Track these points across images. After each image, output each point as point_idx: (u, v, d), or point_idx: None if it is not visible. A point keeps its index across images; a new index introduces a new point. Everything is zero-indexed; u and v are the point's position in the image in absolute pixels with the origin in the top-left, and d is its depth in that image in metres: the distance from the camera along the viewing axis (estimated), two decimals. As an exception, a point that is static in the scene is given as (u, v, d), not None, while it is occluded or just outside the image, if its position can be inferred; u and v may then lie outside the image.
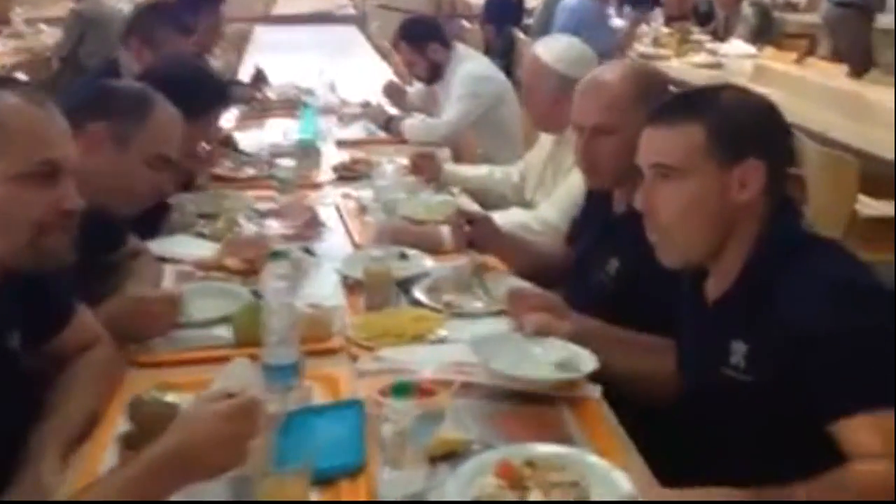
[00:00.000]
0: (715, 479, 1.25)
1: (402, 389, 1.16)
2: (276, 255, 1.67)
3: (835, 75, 4.97)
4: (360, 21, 8.55)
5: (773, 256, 1.40)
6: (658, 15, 6.18)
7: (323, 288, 2.10)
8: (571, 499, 1.25)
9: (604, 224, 2.00)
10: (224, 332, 1.85)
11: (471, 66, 3.62)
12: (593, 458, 1.36)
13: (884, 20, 5.95)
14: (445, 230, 2.30)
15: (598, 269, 1.93)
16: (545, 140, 2.70)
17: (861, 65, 5.13)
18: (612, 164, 1.89)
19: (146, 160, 1.87)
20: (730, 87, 1.56)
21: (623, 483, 1.28)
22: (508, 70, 5.14)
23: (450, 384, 1.57)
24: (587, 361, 1.58)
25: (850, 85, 4.66)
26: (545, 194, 2.56)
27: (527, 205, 2.65)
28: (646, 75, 1.96)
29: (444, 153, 3.29)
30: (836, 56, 5.45)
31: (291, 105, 4.09)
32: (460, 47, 3.80)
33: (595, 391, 1.57)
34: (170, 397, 1.45)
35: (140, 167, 1.86)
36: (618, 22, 6.12)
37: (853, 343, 1.28)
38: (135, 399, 1.47)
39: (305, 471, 1.27)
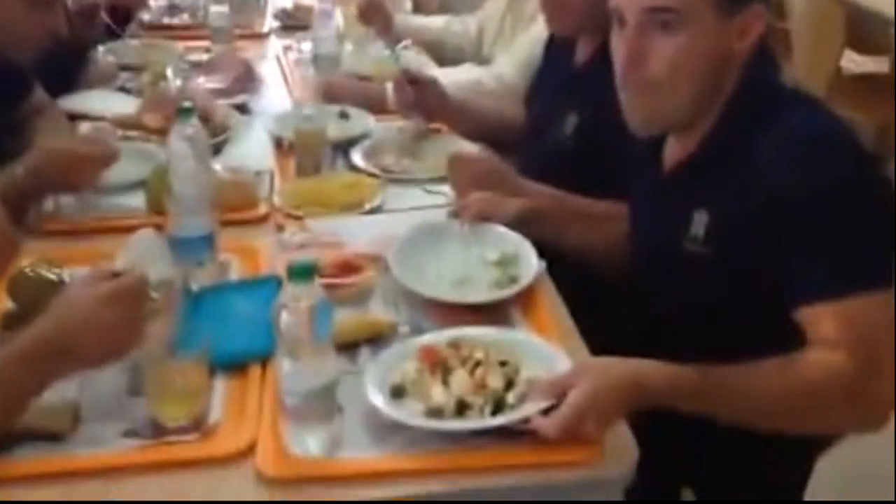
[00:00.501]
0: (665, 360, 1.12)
1: (301, 272, 1.01)
2: (184, 111, 1.48)
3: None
4: None
5: (744, 114, 1.23)
6: None
7: (251, 149, 1.92)
8: (499, 377, 1.13)
9: (563, 77, 1.80)
10: (137, 200, 1.68)
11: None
12: (525, 336, 1.25)
13: None
14: (391, 88, 2.10)
15: (556, 128, 1.74)
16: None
17: None
18: (582, 4, 1.67)
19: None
20: None
21: (559, 361, 1.16)
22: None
23: (378, 259, 1.44)
24: (528, 265, 1.41)
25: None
26: (503, 48, 2.33)
27: (483, 60, 2.43)
28: None
29: (401, 2, 3.02)
30: None
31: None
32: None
33: (539, 267, 1.42)
34: (55, 272, 1.29)
35: (18, 4, 1.66)
36: None
37: (826, 206, 1.13)
38: (16, 273, 1.31)
39: (203, 356, 1.13)
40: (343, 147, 1.91)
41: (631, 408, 1.08)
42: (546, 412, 1.05)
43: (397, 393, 1.14)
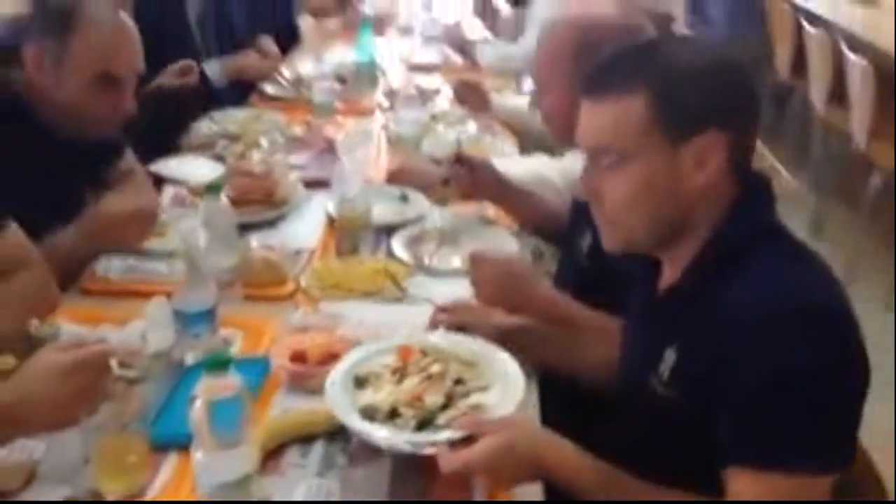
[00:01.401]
0: None
1: (213, 364, 1.04)
2: (212, 188, 1.57)
3: None
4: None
5: (723, 254, 1.15)
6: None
7: (304, 226, 1.99)
8: (440, 396, 1.23)
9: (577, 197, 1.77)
10: (182, 267, 1.78)
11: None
12: (503, 363, 1.33)
13: None
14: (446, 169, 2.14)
15: (575, 245, 1.72)
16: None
17: None
18: (556, 123, 1.71)
19: (88, 79, 1.75)
20: (674, 40, 1.28)
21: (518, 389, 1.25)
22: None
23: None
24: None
25: None
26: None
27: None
28: (586, 29, 1.69)
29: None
30: None
31: (380, 22, 3.94)
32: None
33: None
34: (45, 331, 1.40)
35: (83, 87, 1.76)
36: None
37: (773, 384, 1.04)
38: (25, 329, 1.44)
39: (146, 432, 1.19)
40: (392, 230, 1.95)
41: (529, 480, 1.16)
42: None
43: (359, 384, 1.26)
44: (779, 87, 4.69)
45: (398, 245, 1.88)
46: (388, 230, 1.95)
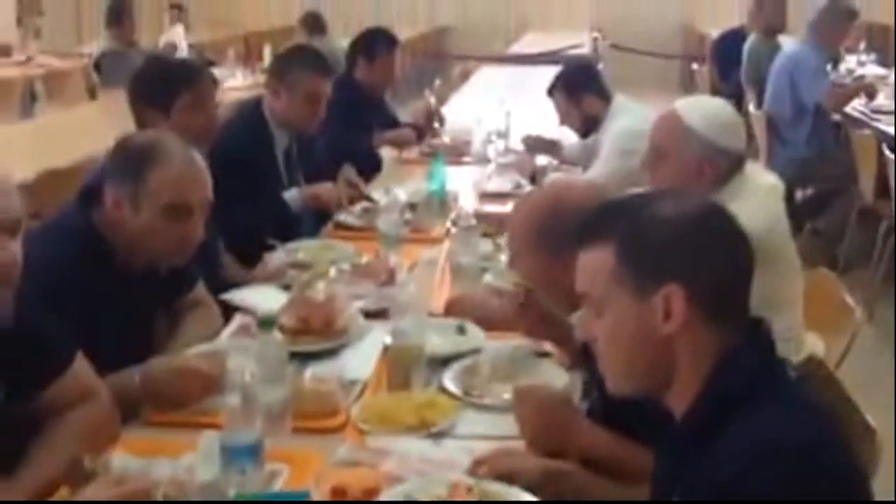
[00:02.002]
0: None
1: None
2: (265, 323, 1.64)
3: None
4: (592, 61, 8.40)
5: (714, 406, 1.16)
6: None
7: (360, 357, 2.03)
8: None
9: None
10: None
11: (625, 120, 3.40)
12: None
13: None
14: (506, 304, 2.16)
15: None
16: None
17: None
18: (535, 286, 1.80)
19: (161, 214, 1.87)
20: (655, 197, 1.30)
21: None
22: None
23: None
24: None
25: None
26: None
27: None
28: (551, 210, 1.77)
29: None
30: None
31: (457, 152, 4.07)
32: (620, 99, 3.58)
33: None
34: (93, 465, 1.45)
35: (157, 222, 1.87)
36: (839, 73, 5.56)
37: None
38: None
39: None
40: (448, 362, 1.97)
41: None
42: None
43: None
44: (865, 211, 4.60)
45: (449, 378, 1.90)
46: (444, 362, 1.98)
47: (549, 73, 3.80)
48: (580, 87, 3.53)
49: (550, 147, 3.82)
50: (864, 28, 6.25)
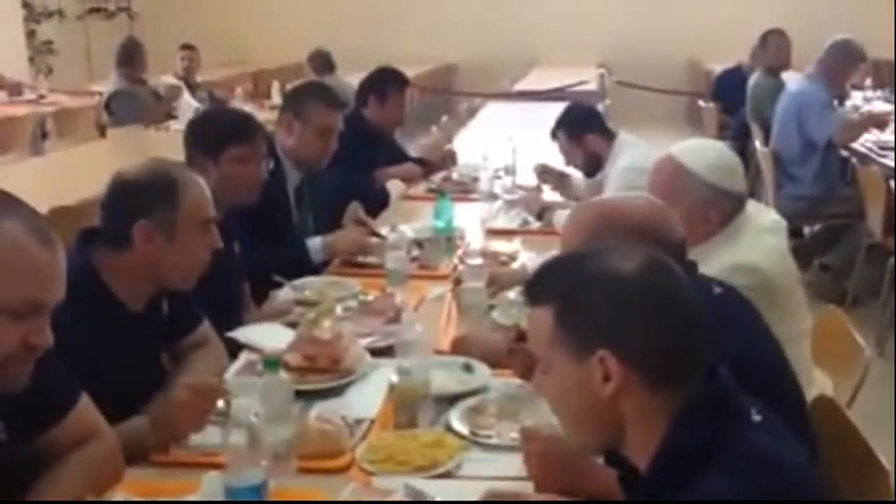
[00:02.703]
0: None
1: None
2: (269, 364, 1.64)
3: None
4: (597, 98, 8.44)
5: (670, 466, 1.17)
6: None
7: (366, 395, 2.02)
8: None
9: None
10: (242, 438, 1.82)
11: (629, 157, 3.42)
12: None
13: None
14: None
15: None
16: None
17: None
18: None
19: (194, 232, 1.96)
20: (597, 255, 1.26)
21: None
22: (742, 153, 4.80)
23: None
24: None
25: None
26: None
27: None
28: (608, 216, 1.74)
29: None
30: None
31: (464, 189, 4.08)
32: (623, 137, 3.60)
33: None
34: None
35: (192, 240, 1.96)
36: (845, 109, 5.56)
37: None
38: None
39: None
40: (454, 401, 1.96)
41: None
42: None
43: None
44: (873, 247, 4.58)
45: (456, 417, 1.89)
46: (450, 400, 1.96)
47: (556, 109, 3.83)
48: (582, 127, 3.56)
49: (560, 179, 3.81)
50: (870, 64, 6.26)
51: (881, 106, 6.27)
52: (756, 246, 2.16)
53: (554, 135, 3.66)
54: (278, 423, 1.66)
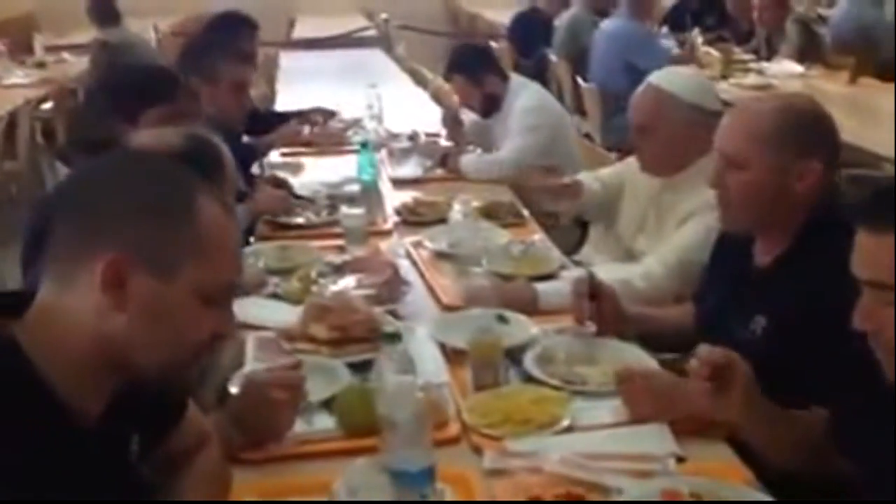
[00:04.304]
0: None
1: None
2: (390, 336, 1.51)
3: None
4: (383, 43, 8.37)
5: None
6: (697, 35, 6.01)
7: (424, 362, 1.89)
8: None
9: (742, 276, 1.83)
10: (325, 421, 1.67)
11: (526, 97, 3.45)
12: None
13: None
14: (542, 288, 2.15)
15: (740, 327, 1.76)
16: (642, 182, 2.49)
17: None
18: (742, 202, 1.76)
19: None
20: None
21: None
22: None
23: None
24: None
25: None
26: (650, 246, 2.36)
27: (626, 250, 2.47)
28: (803, 112, 1.77)
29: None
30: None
31: (337, 141, 3.91)
32: (516, 78, 3.62)
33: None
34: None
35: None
36: (666, 42, 5.94)
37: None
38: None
39: None
40: (510, 355, 1.89)
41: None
42: None
43: None
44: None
45: (536, 370, 1.83)
46: (511, 355, 1.89)
47: (347, 56, 3.71)
48: (480, 68, 3.52)
49: (455, 126, 3.74)
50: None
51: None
52: None
53: (448, 76, 3.60)
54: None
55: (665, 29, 6.47)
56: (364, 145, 3.01)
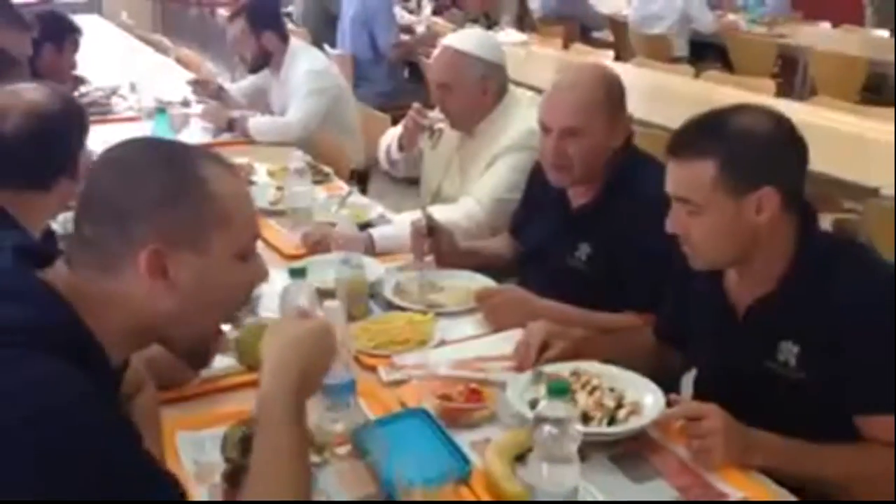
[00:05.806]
0: None
1: (559, 390, 1.24)
2: (299, 271, 1.67)
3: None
4: (94, 8, 7.96)
5: (813, 266, 1.53)
6: (426, 4, 6.40)
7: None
8: (611, 399, 1.56)
9: (563, 215, 2.14)
10: (226, 360, 1.78)
11: (308, 61, 3.61)
12: (623, 373, 1.66)
13: None
14: (376, 233, 2.38)
15: (567, 255, 2.09)
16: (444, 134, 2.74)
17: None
18: (580, 164, 2.03)
19: None
20: (743, 111, 1.56)
21: (653, 391, 1.59)
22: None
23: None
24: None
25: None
26: (454, 186, 2.66)
27: (432, 192, 2.76)
28: (612, 79, 2.08)
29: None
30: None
31: (101, 110, 3.80)
32: (296, 41, 3.75)
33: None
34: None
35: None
36: (408, 17, 6.26)
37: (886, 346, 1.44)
38: (229, 436, 1.43)
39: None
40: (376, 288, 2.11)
41: (741, 457, 1.45)
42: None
43: (533, 405, 1.50)
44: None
45: (398, 300, 2.06)
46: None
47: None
48: (264, 23, 3.61)
49: (218, 91, 3.80)
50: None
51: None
52: (529, 116, 2.44)
53: (232, 19, 3.68)
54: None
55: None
56: (162, 111, 3.02)
